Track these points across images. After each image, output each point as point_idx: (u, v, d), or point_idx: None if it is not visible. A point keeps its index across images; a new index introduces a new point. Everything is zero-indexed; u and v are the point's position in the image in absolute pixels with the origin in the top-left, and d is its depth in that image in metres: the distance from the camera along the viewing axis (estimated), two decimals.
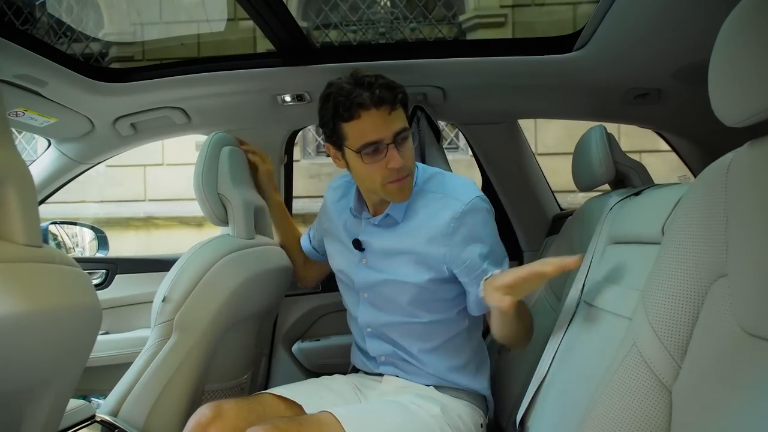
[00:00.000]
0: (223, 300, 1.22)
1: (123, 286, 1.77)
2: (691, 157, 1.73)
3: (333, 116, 1.09)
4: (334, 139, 1.13)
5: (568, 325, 1.10)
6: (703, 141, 1.63)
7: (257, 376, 1.65)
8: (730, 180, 0.63)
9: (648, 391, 0.66)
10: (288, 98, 1.56)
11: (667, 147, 1.81)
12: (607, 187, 1.37)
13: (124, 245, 5.90)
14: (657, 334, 0.67)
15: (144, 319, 1.56)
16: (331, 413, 1.01)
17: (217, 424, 1.03)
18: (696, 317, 0.65)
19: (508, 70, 1.45)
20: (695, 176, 1.78)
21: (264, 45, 2.65)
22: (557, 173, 1.87)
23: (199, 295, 1.19)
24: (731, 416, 0.57)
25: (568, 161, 1.44)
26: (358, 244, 1.24)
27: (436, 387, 1.22)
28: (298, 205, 2.01)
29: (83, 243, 2.09)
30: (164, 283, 1.21)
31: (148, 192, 6.33)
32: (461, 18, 5.54)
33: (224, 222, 1.37)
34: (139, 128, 1.64)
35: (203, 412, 1.05)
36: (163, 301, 1.18)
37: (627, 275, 1.04)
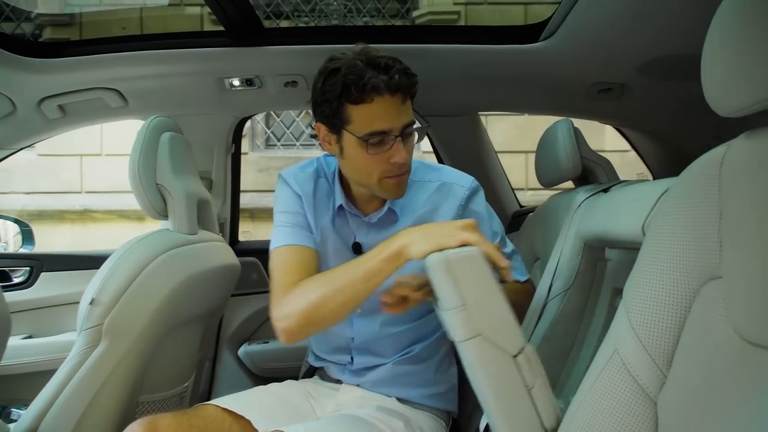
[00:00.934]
0: (160, 302, 1.09)
1: (49, 285, 1.60)
2: (651, 155, 1.72)
3: (341, 95, 0.96)
4: (334, 120, 1.00)
5: (535, 326, 1.05)
6: (664, 138, 1.62)
7: (199, 383, 1.53)
8: (724, 174, 0.58)
9: (631, 401, 0.60)
10: (236, 82, 1.44)
11: (610, 147, 1.81)
12: (568, 184, 1.33)
13: (57, 240, 5.57)
14: (641, 340, 0.61)
15: (72, 321, 1.41)
16: None
17: None
18: (683, 322, 0.60)
19: (471, 59, 1.39)
20: (653, 174, 1.79)
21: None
22: (508, 171, 1.86)
23: (132, 297, 1.06)
24: (721, 430, 0.52)
25: (518, 159, 1.40)
26: (358, 249, 1.13)
27: (399, 399, 1.14)
28: (245, 200, 1.90)
29: (6, 237, 1.92)
30: (92, 284, 1.08)
31: (85, 183, 5.99)
32: (415, 14, 5.54)
33: (163, 215, 1.24)
34: (68, 111, 1.48)
35: (135, 429, 0.93)
36: (90, 303, 1.05)
37: (603, 275, 1.00)
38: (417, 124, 1.03)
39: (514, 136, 4.90)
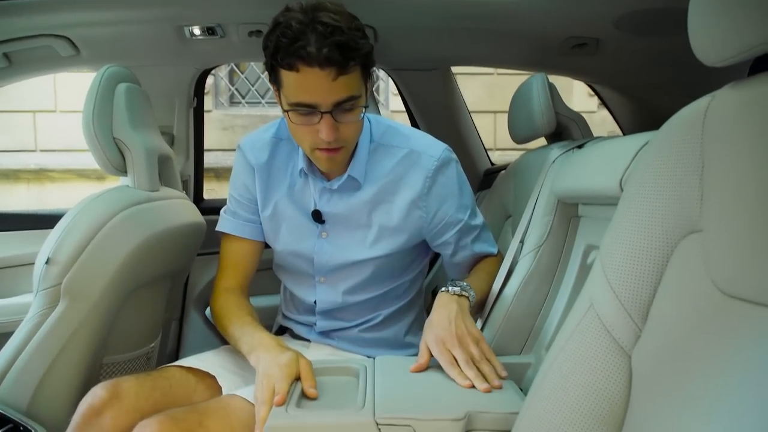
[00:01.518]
0: (121, 261, 1.05)
1: (1, 246, 1.53)
2: (623, 114, 1.72)
3: (273, 54, 0.90)
4: (272, 77, 0.95)
5: (504, 284, 1.04)
6: (637, 96, 1.62)
7: (166, 344, 1.49)
8: (707, 125, 0.57)
9: (605, 355, 0.60)
10: (197, 31, 1.36)
11: (577, 107, 1.79)
12: (538, 143, 1.32)
13: (12, 200, 5.37)
14: (617, 294, 0.61)
15: (27, 283, 1.35)
16: (242, 397, 0.89)
17: (114, 406, 0.88)
18: (660, 277, 0.59)
19: (444, 11, 1.34)
20: (624, 133, 1.80)
21: None
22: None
23: (91, 257, 1.01)
24: (696, 382, 0.52)
25: (487, 119, 1.38)
26: (318, 216, 1.08)
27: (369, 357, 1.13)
28: (210, 159, 1.83)
29: None
30: (48, 242, 1.02)
31: (40, 141, 5.74)
32: None
33: (122, 172, 1.18)
34: (14, 60, 1.38)
35: (97, 393, 0.90)
36: (46, 263, 1.00)
37: (576, 232, 1.00)
38: (362, 97, 0.94)
39: (483, 96, 4.86)
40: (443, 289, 0.99)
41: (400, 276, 1.16)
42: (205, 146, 1.77)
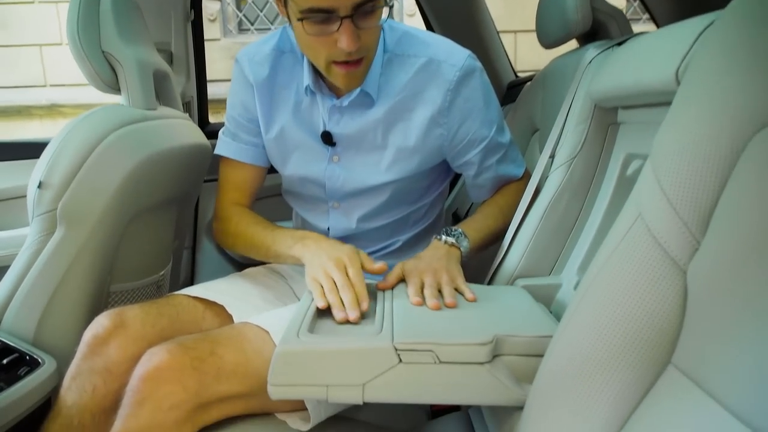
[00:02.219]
0: (118, 183, 0.97)
1: None
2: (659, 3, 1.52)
3: None
4: None
5: (531, 202, 0.96)
6: None
7: (179, 273, 1.45)
8: None
9: (657, 272, 0.52)
10: None
11: None
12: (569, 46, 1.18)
13: (27, 136, 5.35)
14: (671, 202, 0.52)
15: (19, 216, 1.29)
16: (256, 325, 0.83)
17: (119, 335, 0.84)
18: (726, 179, 0.50)
19: None
20: (658, 25, 1.62)
21: None
22: None
23: (86, 178, 0.94)
24: (765, 302, 0.44)
25: (506, 39, 1.24)
26: (328, 138, 0.99)
27: None
28: (219, 90, 1.72)
29: None
30: (39, 165, 0.95)
31: (49, 77, 5.65)
32: None
33: (114, 89, 1.09)
34: None
35: (101, 322, 0.85)
36: (39, 187, 0.93)
37: (614, 141, 0.89)
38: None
39: (502, 14, 4.57)
40: (437, 236, 0.94)
41: (419, 200, 1.08)
42: (214, 76, 1.66)
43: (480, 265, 1.12)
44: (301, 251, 0.88)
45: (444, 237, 0.92)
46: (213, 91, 1.69)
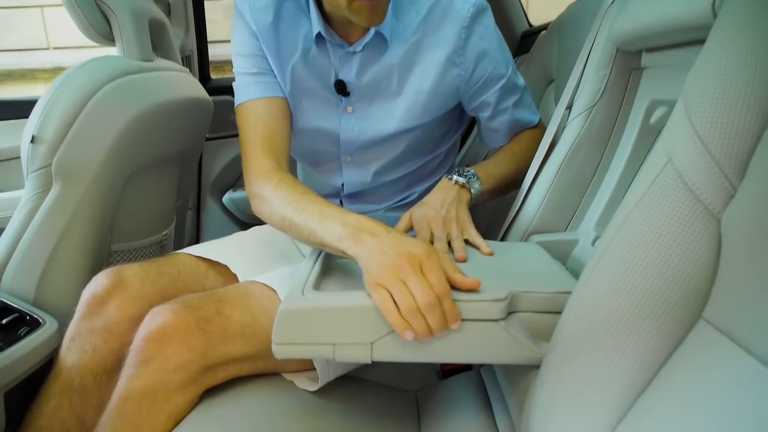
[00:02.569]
0: (114, 137, 0.94)
1: None
2: None
3: None
4: None
5: (547, 155, 0.91)
6: None
7: (183, 234, 1.43)
8: None
9: (688, 221, 0.47)
10: None
11: None
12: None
13: None
14: (706, 145, 0.47)
15: (12, 177, 1.25)
16: (263, 283, 0.79)
17: (118, 294, 0.81)
18: (767, 121, 0.45)
19: None
20: None
21: None
22: None
23: (80, 132, 0.90)
24: None
25: None
26: (342, 88, 0.93)
27: None
28: (222, 51, 1.63)
29: None
30: (31, 120, 0.91)
31: (51, 39, 5.55)
32: None
33: (109, 39, 1.04)
34: None
35: (99, 281, 0.82)
36: (32, 142, 0.90)
37: (638, 87, 0.84)
38: None
39: None
40: (447, 175, 0.88)
41: (435, 148, 1.03)
42: (216, 37, 1.59)
43: (492, 221, 1.08)
44: (355, 249, 0.65)
45: (455, 177, 0.88)
46: (215, 52, 1.62)
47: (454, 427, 0.80)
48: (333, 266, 0.77)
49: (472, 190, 0.88)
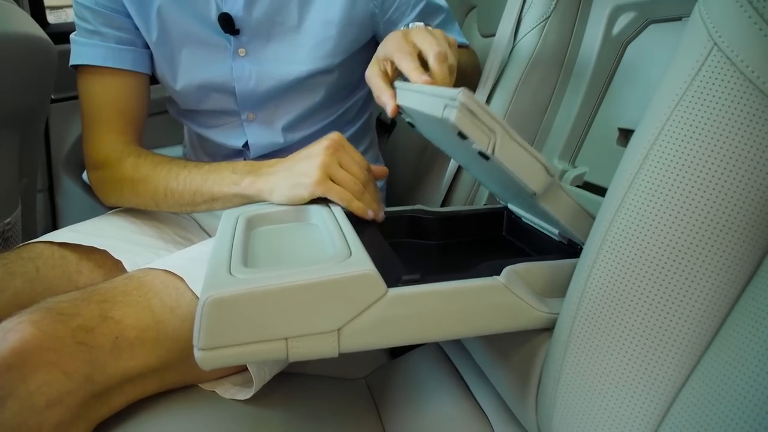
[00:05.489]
0: None
1: None
2: None
3: None
4: None
5: (497, 80, 0.77)
6: None
7: (34, 223, 1.12)
8: None
9: (752, 120, 0.36)
10: None
11: None
12: None
13: None
14: (766, 20, 0.36)
15: None
16: (163, 270, 0.59)
17: None
18: None
19: None
20: None
21: None
22: None
23: None
24: None
25: None
26: (228, 24, 0.73)
27: None
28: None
29: None
30: None
31: None
32: None
33: None
34: None
35: None
36: None
37: None
38: None
39: None
40: (401, 27, 0.69)
41: (354, 92, 0.87)
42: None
43: (432, 178, 0.95)
44: (258, 183, 0.64)
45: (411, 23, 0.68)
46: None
47: (423, 407, 0.67)
48: (255, 237, 0.58)
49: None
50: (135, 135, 0.79)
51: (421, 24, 0.64)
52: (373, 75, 0.60)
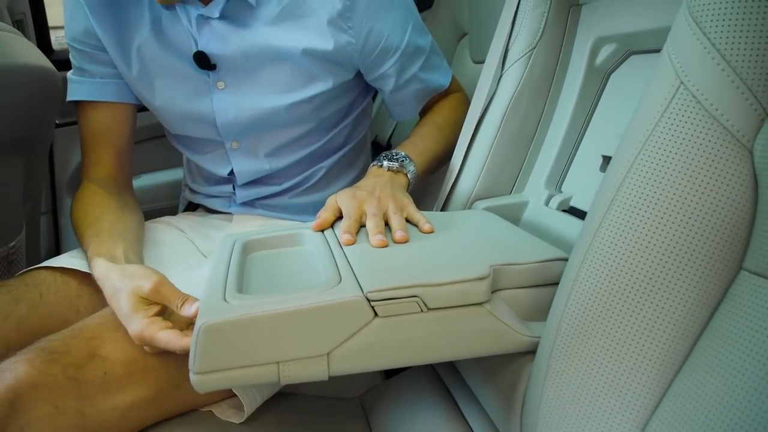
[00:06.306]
0: None
1: None
2: None
3: None
4: None
5: (485, 110, 0.80)
6: None
7: (37, 245, 1.15)
8: None
9: (713, 155, 0.38)
10: None
11: None
12: None
13: None
14: (728, 60, 0.38)
15: None
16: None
17: None
18: None
19: None
20: None
21: None
22: None
23: None
24: None
25: None
26: (203, 60, 0.75)
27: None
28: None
29: None
30: None
31: None
32: None
33: None
34: None
35: None
36: None
37: (577, 24, 0.75)
38: None
39: None
40: (375, 162, 0.74)
41: (342, 119, 0.88)
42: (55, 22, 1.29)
43: (425, 193, 0.97)
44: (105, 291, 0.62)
45: (385, 162, 0.74)
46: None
47: (415, 427, 0.68)
48: (251, 263, 0.60)
49: (408, 174, 0.74)
50: (118, 163, 0.84)
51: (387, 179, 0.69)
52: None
